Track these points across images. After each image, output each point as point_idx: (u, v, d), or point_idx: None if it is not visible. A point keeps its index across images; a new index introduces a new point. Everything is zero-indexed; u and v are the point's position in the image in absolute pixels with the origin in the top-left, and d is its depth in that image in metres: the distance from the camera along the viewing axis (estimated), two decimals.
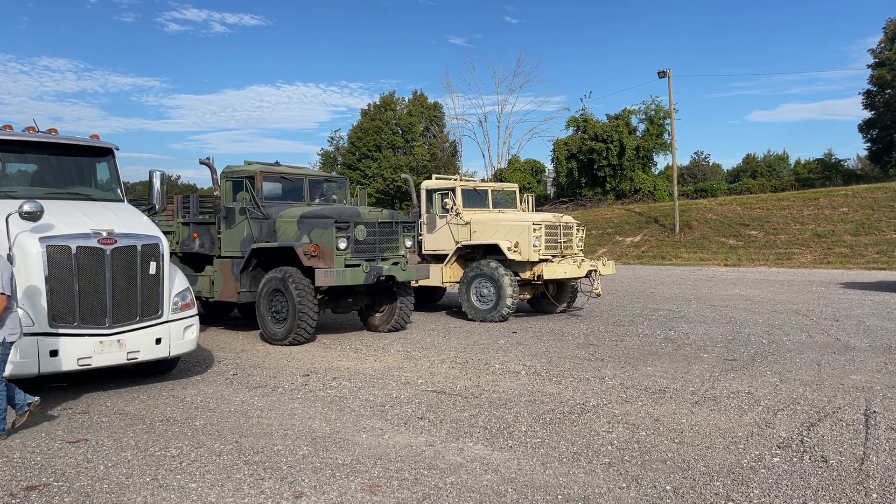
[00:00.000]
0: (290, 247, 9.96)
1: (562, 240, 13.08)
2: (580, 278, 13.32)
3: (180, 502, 4.19)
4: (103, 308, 6.59)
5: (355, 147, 62.83)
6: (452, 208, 13.27)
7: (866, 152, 52.56)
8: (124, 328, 6.74)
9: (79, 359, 6.45)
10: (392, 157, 60.23)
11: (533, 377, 7.74)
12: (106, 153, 8.08)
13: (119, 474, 4.65)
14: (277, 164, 11.78)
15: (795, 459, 4.89)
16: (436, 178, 14.73)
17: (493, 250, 12.84)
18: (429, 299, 14.97)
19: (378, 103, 64.47)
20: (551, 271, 12.41)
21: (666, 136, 49.96)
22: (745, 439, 5.36)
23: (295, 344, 9.83)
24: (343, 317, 13.01)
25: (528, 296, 13.67)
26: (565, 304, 13.86)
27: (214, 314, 12.99)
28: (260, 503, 4.18)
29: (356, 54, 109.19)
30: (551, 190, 58.15)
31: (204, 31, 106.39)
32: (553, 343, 10.12)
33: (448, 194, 13.49)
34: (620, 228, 41.21)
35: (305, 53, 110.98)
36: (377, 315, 11.39)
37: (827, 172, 50.44)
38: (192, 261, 11.84)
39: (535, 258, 12.49)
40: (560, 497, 4.26)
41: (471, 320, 12.64)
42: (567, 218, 13.73)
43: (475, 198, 13.92)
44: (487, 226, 13.05)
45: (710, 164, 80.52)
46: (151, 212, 8.18)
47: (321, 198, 11.76)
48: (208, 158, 10.86)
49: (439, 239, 13.59)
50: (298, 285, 9.70)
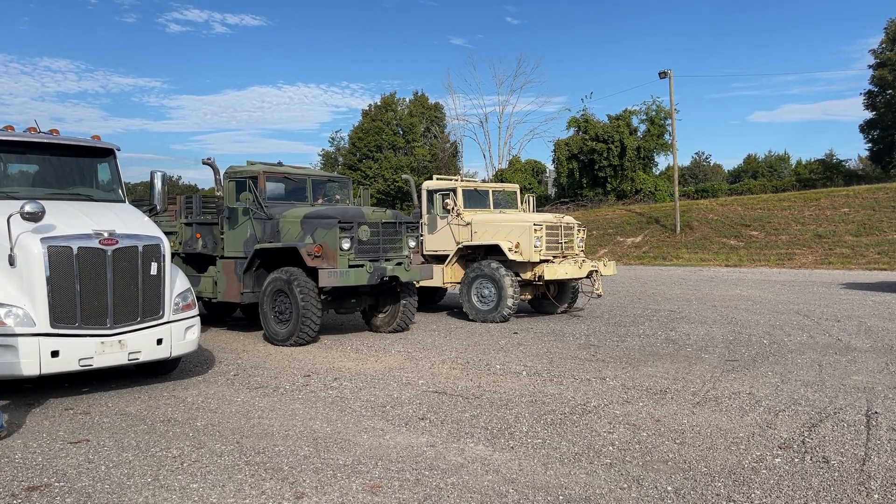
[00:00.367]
0: (294, 247, 9.93)
1: (563, 240, 13.08)
2: (581, 279, 13.32)
3: (181, 503, 4.19)
4: (104, 308, 6.59)
5: (356, 148, 62.88)
6: (453, 209, 13.27)
7: (867, 153, 52.60)
8: (125, 329, 6.75)
9: (80, 359, 6.45)
10: (393, 158, 60.26)
11: (534, 378, 7.74)
12: (107, 154, 8.09)
13: (120, 475, 4.65)
14: (280, 165, 11.76)
15: (797, 460, 4.89)
16: (437, 179, 14.72)
17: (494, 251, 12.84)
18: (430, 300, 14.97)
19: (379, 104, 64.54)
20: (552, 272, 12.41)
21: (667, 137, 49.98)
22: (747, 440, 5.36)
23: (298, 345, 9.82)
24: (344, 317, 13.01)
25: (529, 296, 13.68)
26: (566, 305, 13.86)
27: (217, 315, 13.00)
28: (261, 503, 4.19)
29: (357, 55, 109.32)
30: (552, 190, 58.19)
31: (205, 32, 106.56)
32: (554, 344, 10.12)
33: (449, 195, 13.49)
34: (621, 229, 41.22)
35: (306, 54, 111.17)
36: (380, 316, 11.36)
37: (828, 173, 50.45)
38: (195, 261, 11.83)
39: (536, 259, 12.49)
40: (561, 498, 4.26)
41: (472, 321, 12.65)
42: (568, 218, 13.73)
43: (476, 198, 13.93)
44: (488, 226, 13.05)
45: (711, 165, 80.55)
46: (153, 212, 8.19)
47: (324, 198, 11.74)
48: (209, 158, 10.86)
49: (440, 239, 13.60)
50: (302, 286, 9.66)
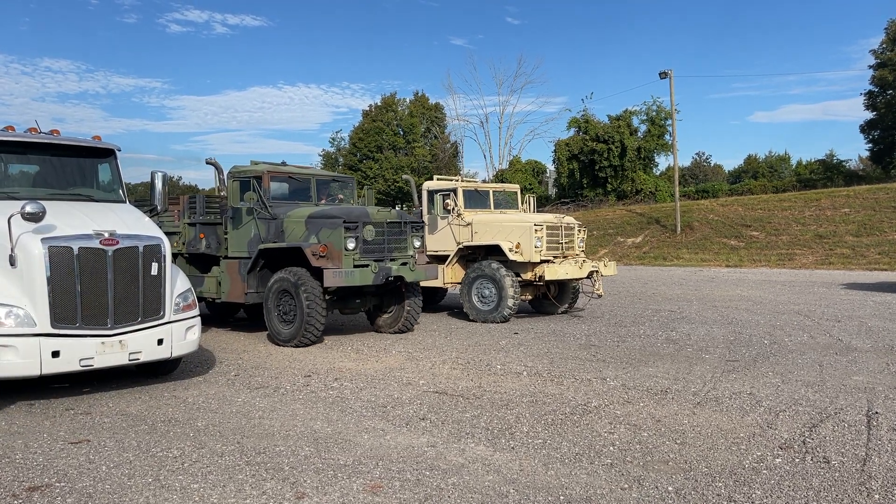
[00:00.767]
0: (299, 247, 9.86)
1: (563, 240, 13.08)
2: (581, 279, 13.32)
3: (182, 503, 4.19)
4: (105, 309, 6.60)
5: (356, 148, 62.92)
6: (454, 209, 13.27)
7: (868, 153, 52.62)
8: (126, 329, 6.75)
9: (81, 359, 6.46)
10: (393, 158, 60.29)
11: (534, 378, 7.74)
12: (108, 154, 8.09)
13: (121, 475, 4.65)
14: (284, 164, 11.72)
15: (797, 460, 4.89)
16: (437, 179, 14.71)
17: (495, 251, 12.84)
18: (430, 300, 14.96)
19: (379, 104, 64.60)
20: (553, 272, 12.41)
21: (667, 137, 50.02)
22: (747, 440, 5.35)
23: (303, 345, 9.76)
24: (344, 317, 13.01)
25: (530, 297, 13.68)
26: (567, 305, 13.86)
27: (220, 315, 12.97)
28: None
29: (357, 55, 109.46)
30: (552, 191, 58.21)
31: (205, 33, 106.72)
32: (555, 344, 10.12)
33: (449, 195, 13.49)
34: (622, 229, 41.22)
35: (307, 54, 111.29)
36: (385, 316, 11.30)
37: (828, 173, 50.48)
38: (199, 262, 11.76)
39: (537, 259, 12.49)
40: (562, 498, 4.25)
41: (472, 321, 12.65)
42: (568, 219, 13.73)
43: (476, 199, 13.93)
44: (489, 227, 13.05)
45: (712, 165, 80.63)
46: (153, 213, 8.19)
47: (327, 198, 11.67)
48: (212, 159, 10.84)
49: (440, 240, 13.59)
50: (307, 286, 9.59)
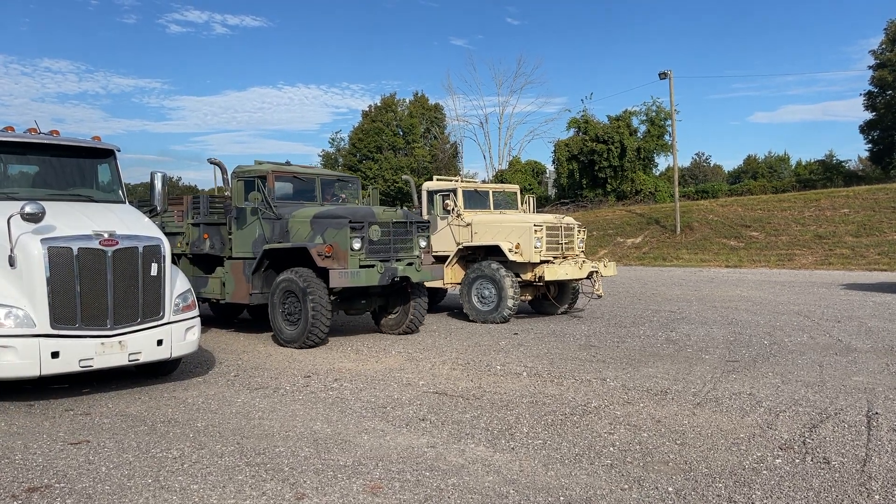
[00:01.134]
0: (304, 247, 9.78)
1: (563, 241, 13.08)
2: (581, 279, 13.32)
3: None
4: (105, 309, 6.59)
5: (356, 148, 62.91)
6: (453, 210, 13.27)
7: (867, 153, 52.65)
8: (126, 329, 6.75)
9: (80, 360, 6.45)
10: (393, 159, 60.29)
11: (534, 378, 7.74)
12: (107, 154, 8.09)
13: (121, 476, 4.65)
14: (288, 164, 11.66)
15: (797, 461, 4.88)
16: (437, 180, 14.72)
17: (495, 251, 12.84)
18: (430, 301, 14.92)
19: (379, 105, 64.57)
20: (552, 272, 12.41)
21: (667, 138, 50.03)
22: (747, 441, 5.35)
23: (308, 347, 9.68)
24: (344, 318, 12.99)
25: (530, 297, 13.68)
26: (566, 306, 13.85)
27: (224, 316, 12.94)
28: None
29: (357, 55, 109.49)
30: (552, 191, 58.21)
31: (205, 33, 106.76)
32: (554, 344, 10.12)
33: (449, 195, 13.49)
34: (621, 230, 41.22)
35: (307, 55, 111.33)
36: (390, 317, 11.21)
37: (828, 173, 50.48)
38: (202, 262, 11.69)
39: (537, 259, 12.49)
40: (562, 498, 4.25)
41: (472, 321, 12.65)
42: (568, 219, 13.73)
43: (476, 199, 13.93)
44: (488, 227, 13.05)
45: (711, 166, 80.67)
46: (153, 213, 8.19)
47: (332, 198, 11.56)
48: (215, 159, 10.77)
49: (440, 240, 13.59)
50: (312, 287, 9.52)
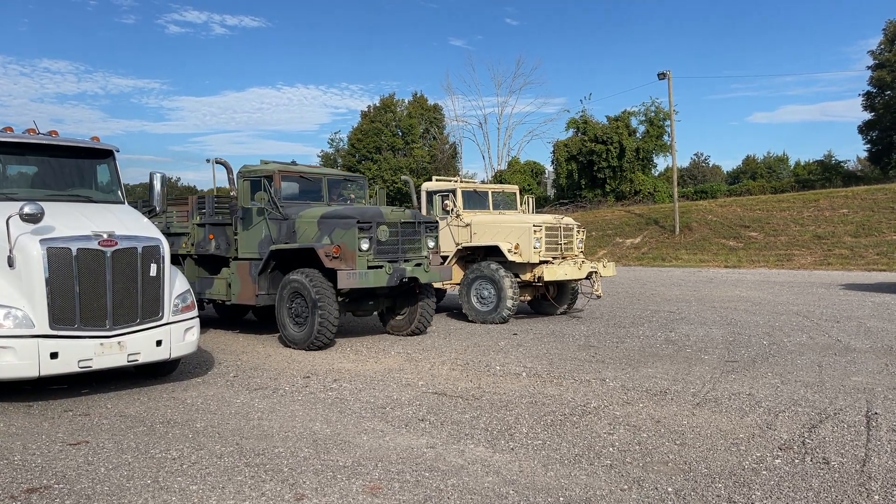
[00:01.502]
0: (311, 248, 9.66)
1: (562, 241, 13.08)
2: (580, 280, 13.32)
3: None
4: (104, 310, 6.59)
5: (355, 149, 62.89)
6: (453, 210, 13.27)
7: (866, 154, 52.68)
8: (125, 330, 6.74)
9: (79, 361, 6.45)
10: (392, 159, 60.27)
11: (534, 379, 7.73)
12: (106, 155, 8.08)
13: (120, 476, 4.64)
14: (294, 164, 11.58)
15: (797, 461, 4.88)
16: (436, 180, 14.71)
17: (494, 252, 12.84)
18: None
19: (378, 105, 64.56)
20: (552, 273, 12.41)
21: (666, 138, 50.04)
22: (747, 441, 5.35)
23: (315, 349, 9.56)
24: (344, 319, 12.95)
25: (529, 297, 13.68)
26: (566, 306, 13.86)
27: (229, 317, 12.89)
28: None
29: (356, 56, 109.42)
30: (551, 191, 58.21)
31: (204, 33, 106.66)
32: (554, 345, 10.11)
33: (448, 196, 13.49)
34: (620, 230, 41.23)
35: (306, 55, 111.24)
36: (398, 318, 11.10)
37: (827, 174, 50.50)
38: (208, 263, 11.57)
39: (536, 260, 12.49)
40: (561, 499, 4.25)
41: (471, 322, 12.64)
42: (567, 219, 13.73)
43: (475, 199, 13.92)
44: (488, 227, 13.05)
45: (710, 166, 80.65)
46: (152, 214, 8.19)
47: (338, 198, 11.42)
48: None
49: (439, 240, 13.57)
50: (319, 288, 9.40)
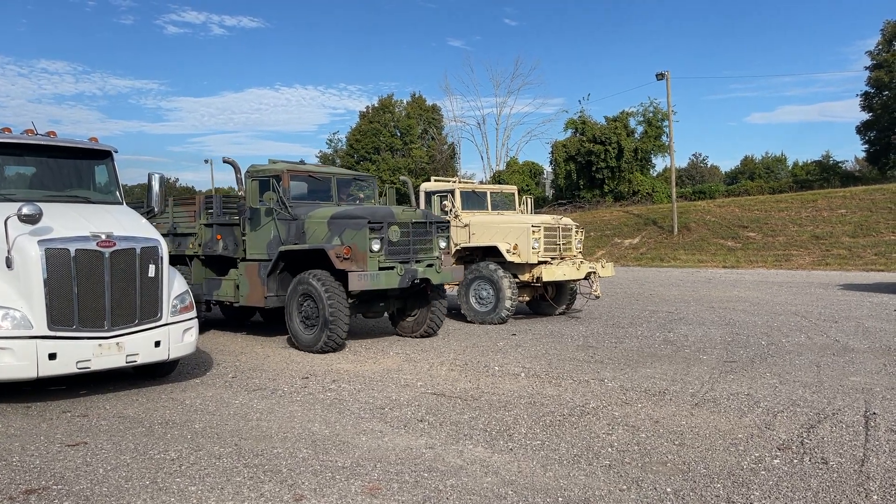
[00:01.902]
0: (321, 249, 9.53)
1: (561, 242, 13.08)
2: (579, 280, 13.32)
3: None
4: (102, 311, 6.58)
5: (354, 150, 62.88)
6: (451, 210, 13.27)
7: (864, 154, 52.71)
8: (123, 331, 6.73)
9: (77, 362, 6.44)
10: (390, 160, 60.28)
11: (532, 379, 7.74)
12: (105, 156, 8.08)
13: (118, 477, 4.64)
14: (303, 163, 11.48)
15: (795, 461, 4.89)
16: (434, 181, 14.70)
17: (492, 252, 12.84)
18: None
19: (376, 105, 64.56)
20: (550, 273, 12.41)
21: (664, 138, 50.06)
22: (745, 441, 5.36)
23: (326, 351, 9.43)
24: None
25: (528, 298, 13.67)
26: (564, 307, 13.86)
27: (236, 319, 12.84)
28: None
29: (355, 56, 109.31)
30: (550, 192, 58.19)
31: (203, 34, 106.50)
32: (552, 345, 10.12)
33: (447, 196, 13.48)
34: (619, 230, 41.23)
35: (304, 56, 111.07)
36: (409, 319, 10.97)
37: (825, 174, 50.51)
38: (215, 264, 11.44)
39: (534, 260, 12.49)
40: (560, 499, 4.25)
41: (470, 322, 12.64)
42: (566, 220, 13.74)
43: (474, 200, 13.92)
44: (486, 228, 13.05)
45: (709, 166, 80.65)
46: (150, 214, 8.18)
47: (348, 198, 11.26)
48: (228, 158, 10.66)
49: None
50: (330, 290, 9.26)
